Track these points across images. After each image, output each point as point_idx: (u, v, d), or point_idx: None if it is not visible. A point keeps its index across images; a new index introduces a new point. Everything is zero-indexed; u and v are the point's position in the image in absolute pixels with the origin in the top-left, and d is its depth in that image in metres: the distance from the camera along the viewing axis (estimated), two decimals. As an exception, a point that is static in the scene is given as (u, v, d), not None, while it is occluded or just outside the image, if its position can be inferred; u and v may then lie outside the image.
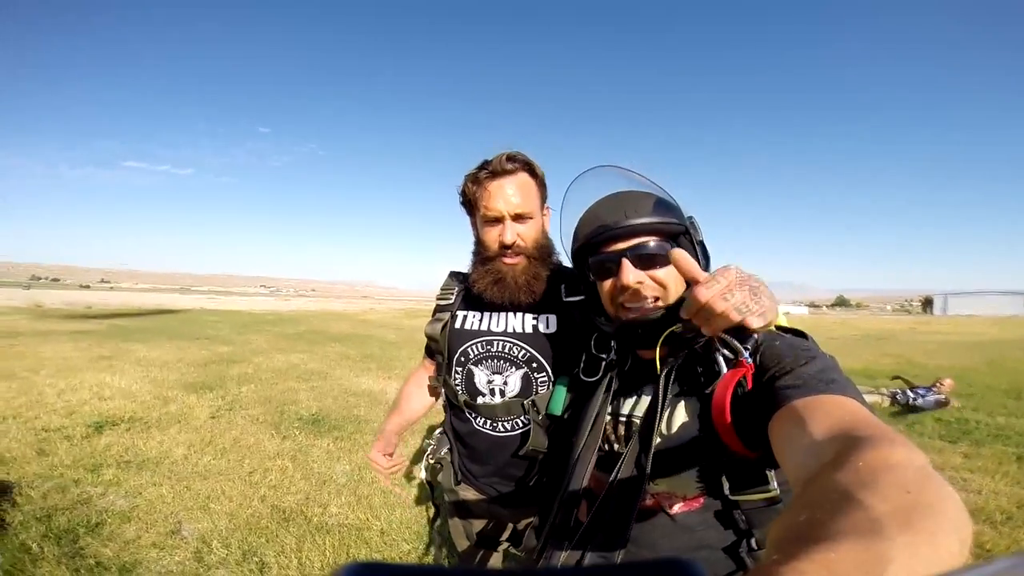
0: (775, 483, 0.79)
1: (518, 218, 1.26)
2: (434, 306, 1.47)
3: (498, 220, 1.26)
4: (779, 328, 0.87)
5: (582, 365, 1.12)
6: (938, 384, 6.17)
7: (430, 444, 1.49)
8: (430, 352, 1.49)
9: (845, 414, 0.61)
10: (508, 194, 1.24)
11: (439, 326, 1.39)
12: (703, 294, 0.73)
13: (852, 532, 0.34)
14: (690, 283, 0.80)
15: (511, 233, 1.25)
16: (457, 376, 1.36)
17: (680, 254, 0.78)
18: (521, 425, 1.32)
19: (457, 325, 1.38)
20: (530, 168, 1.29)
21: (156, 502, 3.00)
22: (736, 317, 0.73)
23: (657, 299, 0.91)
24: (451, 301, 1.42)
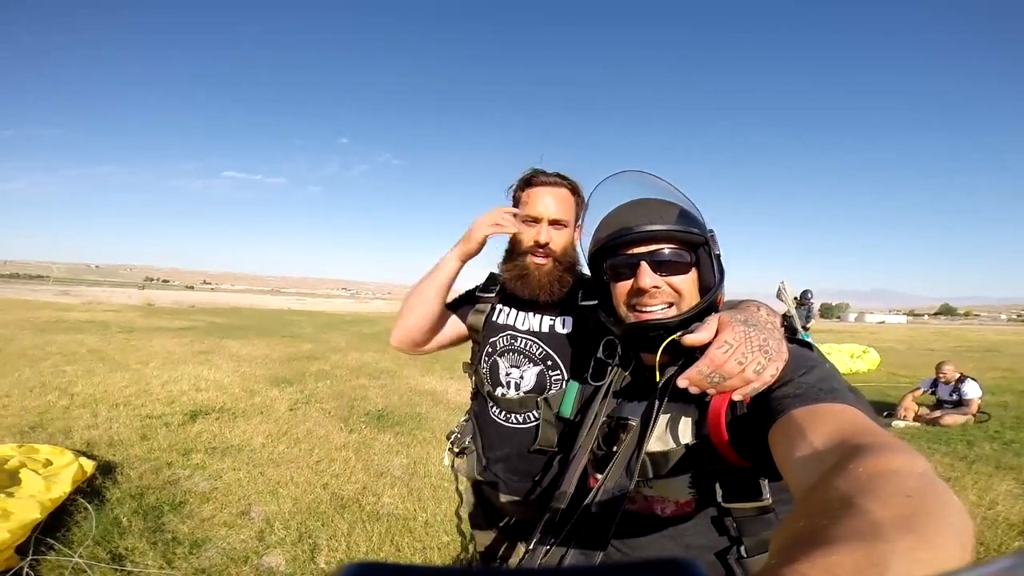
0: (767, 492, 0.79)
1: (554, 223, 1.36)
2: (472, 295, 1.56)
3: (536, 221, 1.37)
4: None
5: (591, 369, 1.15)
6: (941, 374, 6.09)
7: (455, 432, 1.57)
8: (473, 344, 1.56)
9: (845, 422, 0.60)
10: (549, 201, 1.37)
11: (481, 318, 1.48)
12: (719, 357, 0.74)
13: (853, 536, 0.35)
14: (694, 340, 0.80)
15: (546, 234, 1.35)
16: (485, 365, 1.45)
17: (690, 339, 0.79)
18: (533, 419, 1.38)
19: (493, 317, 1.47)
20: (574, 187, 1.40)
21: (233, 485, 3.29)
22: (752, 378, 0.73)
23: (671, 304, 0.92)
24: (492, 295, 1.51)
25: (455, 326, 1.53)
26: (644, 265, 0.90)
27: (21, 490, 2.48)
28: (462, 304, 1.55)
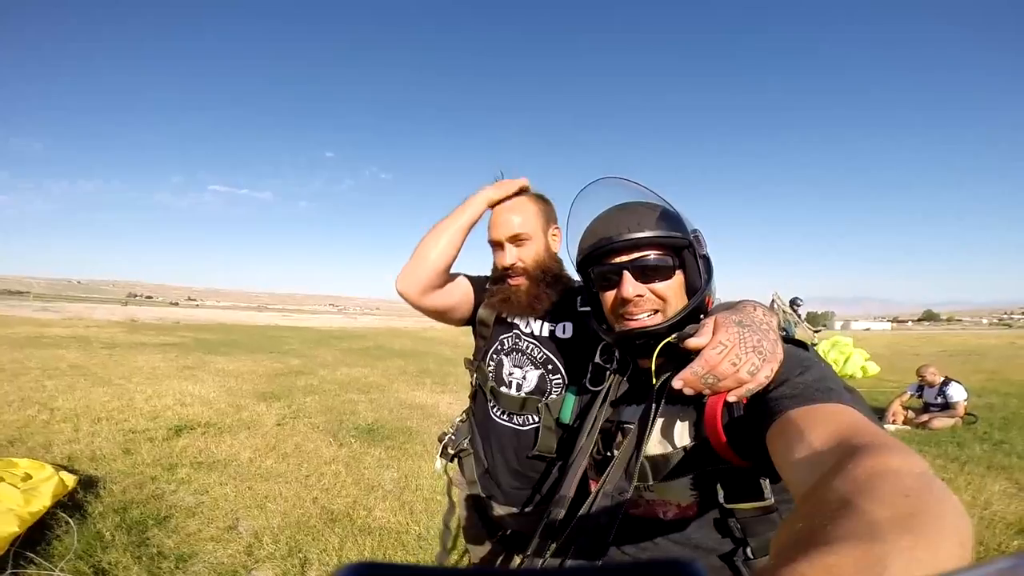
0: (769, 492, 0.79)
1: (515, 240, 1.35)
2: (483, 284, 1.50)
3: (499, 245, 1.37)
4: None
5: (589, 374, 1.15)
6: (922, 376, 6.24)
7: (448, 433, 1.54)
8: (478, 338, 1.52)
9: (842, 423, 0.60)
10: (503, 221, 1.36)
11: (492, 314, 1.46)
12: (713, 358, 0.74)
13: (852, 537, 0.35)
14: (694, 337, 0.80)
15: (510, 256, 1.35)
16: (491, 363, 1.44)
17: (692, 342, 0.79)
18: (532, 422, 1.37)
19: (502, 314, 1.46)
20: (531, 193, 1.41)
21: (220, 500, 3.21)
22: (746, 379, 0.74)
23: (656, 311, 0.92)
24: None
25: (467, 293, 1.46)
26: (626, 275, 0.91)
27: (-2, 504, 2.39)
28: (477, 284, 1.50)
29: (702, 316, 0.90)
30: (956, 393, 5.83)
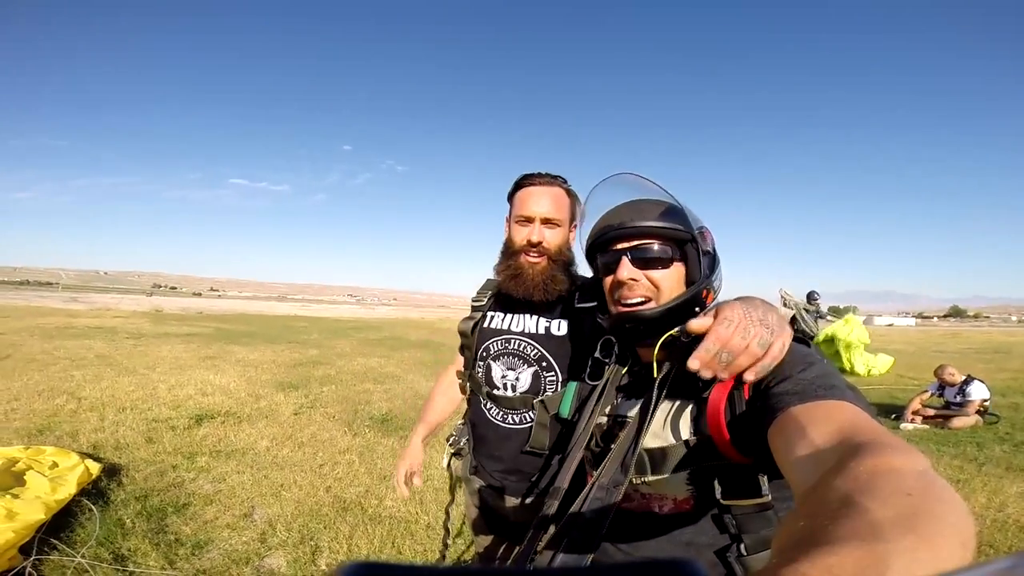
0: (766, 489, 0.79)
1: (547, 222, 1.37)
2: (470, 306, 1.58)
3: (529, 220, 1.38)
4: None
5: (588, 369, 1.16)
6: (940, 377, 6.08)
7: (453, 435, 1.58)
8: (463, 350, 1.59)
9: (844, 420, 0.60)
10: (542, 200, 1.37)
11: (471, 324, 1.50)
12: (723, 332, 0.75)
13: (853, 536, 0.34)
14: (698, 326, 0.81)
15: (538, 233, 1.36)
16: (479, 370, 1.47)
17: (695, 323, 0.80)
18: (529, 420, 1.39)
19: (485, 324, 1.49)
20: (568, 188, 1.42)
21: (236, 488, 3.31)
22: (759, 352, 0.74)
23: (650, 299, 0.93)
24: (484, 303, 1.53)
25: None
26: (624, 259, 0.93)
27: (26, 491, 2.50)
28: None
29: (697, 309, 0.91)
30: (975, 391, 5.68)
